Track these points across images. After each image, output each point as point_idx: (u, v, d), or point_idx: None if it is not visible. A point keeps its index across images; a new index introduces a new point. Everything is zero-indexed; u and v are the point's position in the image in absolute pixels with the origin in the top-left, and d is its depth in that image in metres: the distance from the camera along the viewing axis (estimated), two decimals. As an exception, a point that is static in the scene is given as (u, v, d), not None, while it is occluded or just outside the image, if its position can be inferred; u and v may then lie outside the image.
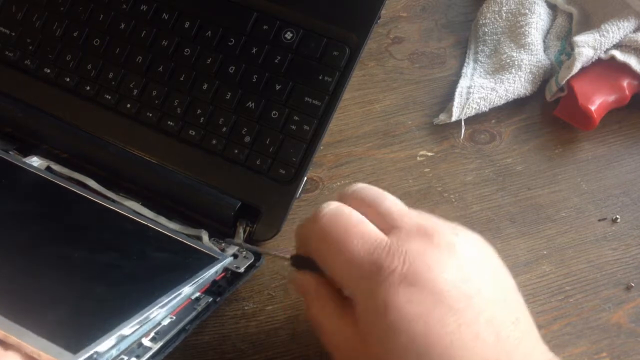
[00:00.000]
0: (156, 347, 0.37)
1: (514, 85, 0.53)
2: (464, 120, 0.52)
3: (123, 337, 0.34)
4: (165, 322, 0.39)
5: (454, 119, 0.52)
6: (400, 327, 0.32)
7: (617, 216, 0.48)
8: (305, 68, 0.48)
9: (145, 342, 0.37)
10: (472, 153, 0.52)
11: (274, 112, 0.47)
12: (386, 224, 0.35)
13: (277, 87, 0.47)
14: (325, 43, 0.48)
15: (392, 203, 0.36)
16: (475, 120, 0.53)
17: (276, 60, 0.48)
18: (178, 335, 0.39)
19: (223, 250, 0.44)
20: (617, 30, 0.52)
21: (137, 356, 0.36)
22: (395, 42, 0.58)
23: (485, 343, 0.31)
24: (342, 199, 0.37)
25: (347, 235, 0.34)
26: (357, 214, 0.35)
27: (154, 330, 0.38)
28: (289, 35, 0.49)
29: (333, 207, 0.35)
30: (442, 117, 0.53)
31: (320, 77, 0.47)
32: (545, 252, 0.46)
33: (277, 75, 0.48)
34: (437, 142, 0.52)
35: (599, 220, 0.48)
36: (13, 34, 0.53)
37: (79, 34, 0.51)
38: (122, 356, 0.35)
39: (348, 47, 0.48)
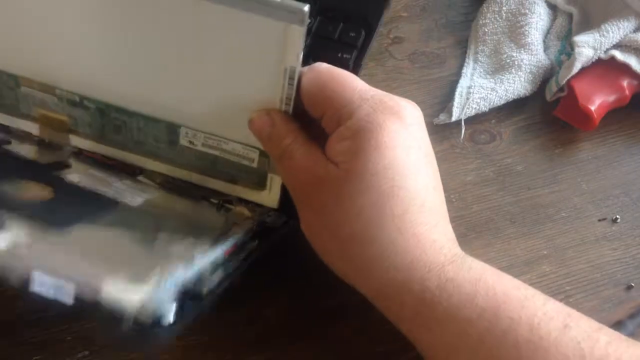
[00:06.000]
0: None
1: (514, 85, 0.53)
2: (464, 120, 0.52)
3: None
4: None
5: (454, 119, 0.52)
6: (388, 147, 0.37)
7: (617, 216, 0.48)
8: (324, 48, 0.52)
9: None
10: (472, 153, 0.52)
11: None
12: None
13: None
14: (341, 28, 0.52)
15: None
16: (475, 120, 0.53)
17: None
18: None
19: None
20: (617, 30, 0.52)
21: None
22: (395, 42, 0.58)
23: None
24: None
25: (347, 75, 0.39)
26: None
27: None
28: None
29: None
30: (442, 117, 0.53)
31: (339, 55, 0.51)
32: (545, 252, 0.46)
33: None
34: (437, 142, 0.52)
35: (599, 220, 0.48)
36: None
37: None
38: None
39: (363, 29, 0.52)
